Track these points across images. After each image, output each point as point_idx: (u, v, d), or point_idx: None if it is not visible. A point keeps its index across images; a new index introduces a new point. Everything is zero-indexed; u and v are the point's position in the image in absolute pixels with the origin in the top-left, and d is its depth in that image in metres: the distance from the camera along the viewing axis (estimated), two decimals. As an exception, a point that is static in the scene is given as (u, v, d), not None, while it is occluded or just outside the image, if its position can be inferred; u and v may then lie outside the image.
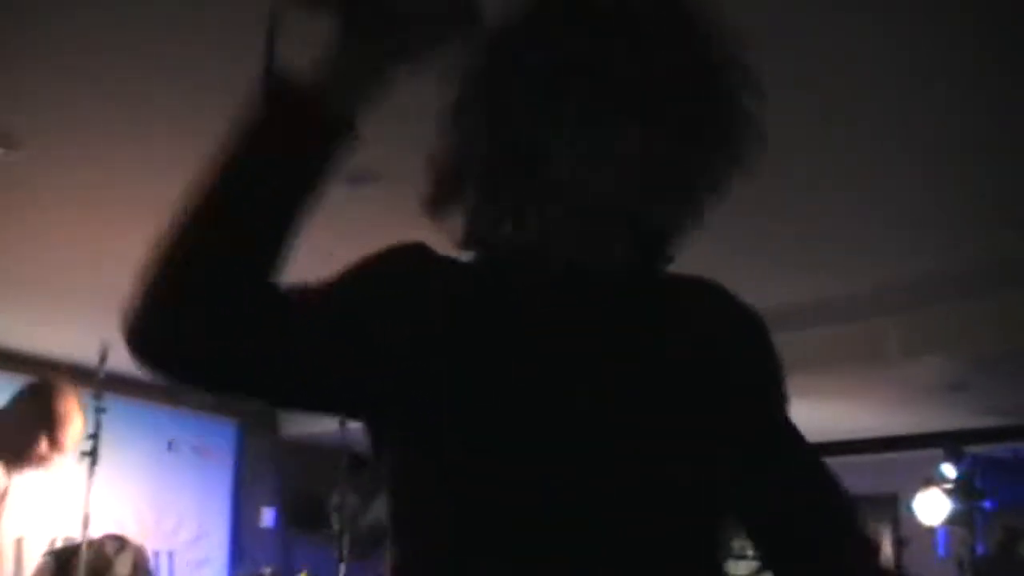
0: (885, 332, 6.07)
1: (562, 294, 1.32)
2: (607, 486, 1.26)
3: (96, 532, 5.08)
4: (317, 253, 5.43)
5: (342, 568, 6.02)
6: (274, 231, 1.23)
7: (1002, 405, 7.33)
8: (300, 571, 6.99)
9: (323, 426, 6.98)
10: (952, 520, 6.48)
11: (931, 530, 6.85)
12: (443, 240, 1.32)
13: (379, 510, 6.12)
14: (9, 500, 3.89)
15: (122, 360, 1.23)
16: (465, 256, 1.36)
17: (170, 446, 8.94)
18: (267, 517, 9.72)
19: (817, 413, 6.20)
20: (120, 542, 5.48)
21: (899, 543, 8.39)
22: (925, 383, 6.60)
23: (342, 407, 1.36)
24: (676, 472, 1.30)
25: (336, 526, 6.14)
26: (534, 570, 1.24)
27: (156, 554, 7.25)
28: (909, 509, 6.93)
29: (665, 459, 1.30)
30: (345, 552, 6.02)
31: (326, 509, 6.43)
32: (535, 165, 1.26)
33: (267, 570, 7.03)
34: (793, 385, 1.44)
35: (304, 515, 9.19)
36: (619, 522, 1.26)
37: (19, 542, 4.00)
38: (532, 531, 1.25)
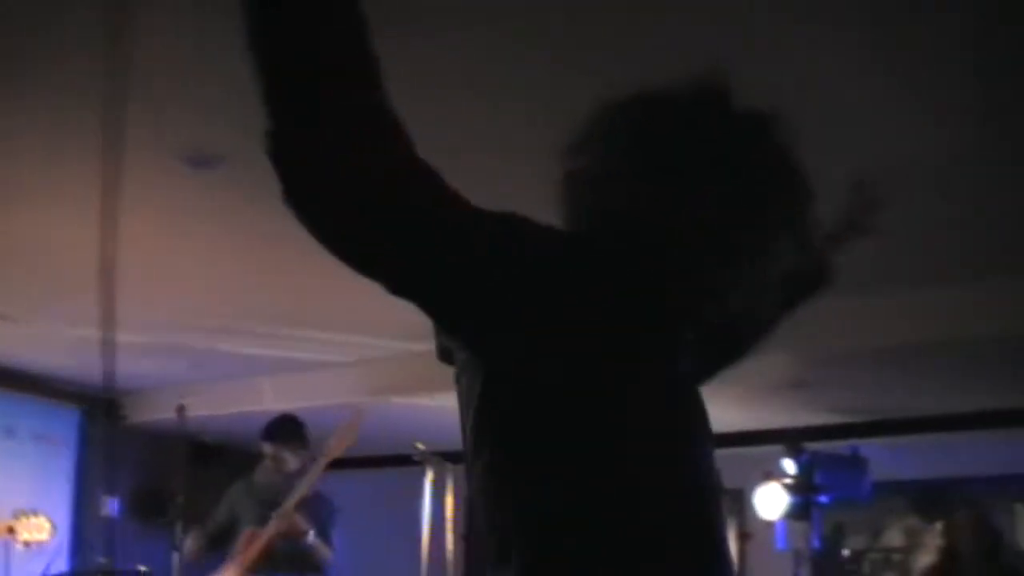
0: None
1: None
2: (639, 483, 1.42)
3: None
4: (160, 236, 5.27)
5: (176, 557, 5.94)
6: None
7: (843, 403, 7.55)
8: (142, 562, 6.84)
9: (167, 414, 6.86)
10: (790, 514, 6.63)
11: (772, 523, 7.01)
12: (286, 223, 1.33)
13: (229, 505, 6.00)
14: None
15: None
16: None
17: (8, 432, 8.67)
18: (110, 507, 9.51)
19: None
20: None
21: (743, 536, 8.57)
22: (768, 381, 6.75)
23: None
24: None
25: (173, 516, 6.07)
26: None
27: (-9, 544, 7.03)
28: (753, 504, 7.07)
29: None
30: (181, 543, 5.94)
31: (169, 499, 6.33)
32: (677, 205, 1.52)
33: (105, 561, 6.86)
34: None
35: (148, 505, 9.02)
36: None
37: None
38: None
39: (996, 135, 4.09)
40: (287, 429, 5.89)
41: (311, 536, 5.57)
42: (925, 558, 6.48)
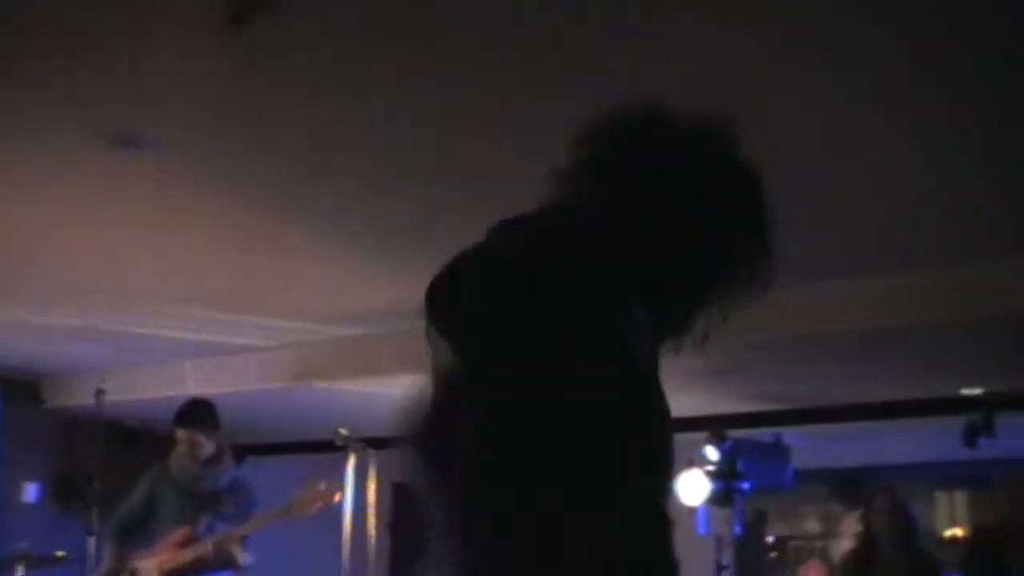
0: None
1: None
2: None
3: None
4: (83, 218, 5.15)
5: (91, 541, 5.88)
6: None
7: (765, 391, 7.62)
8: (59, 547, 6.74)
9: (87, 398, 6.77)
10: (712, 500, 6.69)
11: (694, 509, 7.07)
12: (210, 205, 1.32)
13: (146, 490, 5.94)
14: None
15: None
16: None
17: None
18: (30, 492, 9.39)
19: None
20: None
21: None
22: (692, 368, 6.79)
23: None
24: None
25: (90, 500, 5.99)
26: None
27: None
28: (675, 490, 7.12)
29: None
30: (96, 526, 5.88)
31: (86, 484, 6.25)
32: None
33: (24, 547, 6.74)
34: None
35: (69, 490, 8.89)
36: None
37: None
38: None
39: (924, 126, 4.13)
40: (198, 413, 5.80)
41: (241, 564, 5.60)
42: (844, 543, 6.58)
